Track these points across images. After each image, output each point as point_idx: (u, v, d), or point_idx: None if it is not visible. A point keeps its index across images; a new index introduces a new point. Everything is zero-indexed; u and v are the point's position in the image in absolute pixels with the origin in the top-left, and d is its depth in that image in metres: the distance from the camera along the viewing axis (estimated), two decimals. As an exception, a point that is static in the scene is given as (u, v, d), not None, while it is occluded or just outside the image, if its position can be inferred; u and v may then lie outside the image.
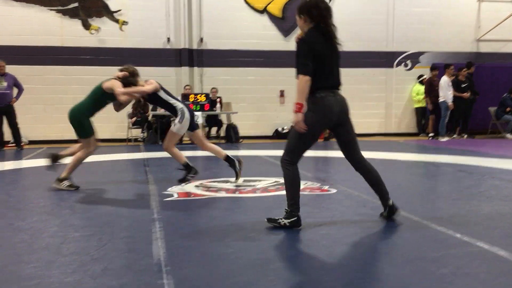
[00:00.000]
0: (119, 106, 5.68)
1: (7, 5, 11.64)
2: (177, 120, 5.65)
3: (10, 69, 10.31)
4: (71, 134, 6.90)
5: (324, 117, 3.53)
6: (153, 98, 5.66)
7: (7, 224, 3.85)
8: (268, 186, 5.41)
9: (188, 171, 5.72)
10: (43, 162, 6.18)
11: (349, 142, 3.72)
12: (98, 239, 3.36)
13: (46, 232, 3.56)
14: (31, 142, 11.49)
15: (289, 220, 3.58)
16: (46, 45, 11.78)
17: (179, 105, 5.68)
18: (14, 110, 10.18)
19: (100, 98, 5.35)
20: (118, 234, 3.50)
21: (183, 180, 5.65)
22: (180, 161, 5.75)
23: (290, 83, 13.21)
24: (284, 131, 12.96)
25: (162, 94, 5.62)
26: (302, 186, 5.24)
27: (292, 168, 3.58)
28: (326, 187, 5.33)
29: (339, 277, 2.64)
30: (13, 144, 10.36)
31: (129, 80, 5.42)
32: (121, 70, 5.50)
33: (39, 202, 4.71)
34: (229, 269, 2.75)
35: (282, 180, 5.66)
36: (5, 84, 10.03)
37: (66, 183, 5.33)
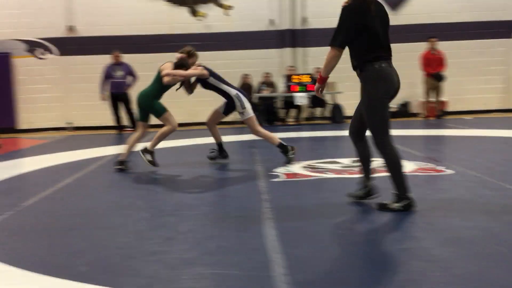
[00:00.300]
0: (186, 90, 5.98)
1: (121, -3, 12.37)
2: (239, 109, 5.75)
3: (124, 58, 10.96)
4: (183, 117, 7.20)
5: (390, 87, 3.38)
6: (204, 83, 5.79)
7: (130, 203, 4.12)
8: (377, 166, 5.24)
9: (285, 151, 5.69)
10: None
11: None
12: (211, 218, 3.48)
13: (164, 211, 3.75)
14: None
15: (400, 204, 3.38)
16: (157, 33, 12.36)
17: (232, 91, 5.75)
18: (129, 97, 10.83)
19: (161, 81, 5.62)
20: (229, 214, 3.60)
21: (287, 162, 5.66)
22: (273, 142, 5.77)
23: (400, 59, 12.65)
24: (392, 110, 12.51)
25: (212, 80, 5.71)
26: (413, 167, 5.05)
27: (390, 149, 3.39)
28: (441, 168, 5.05)
29: (461, 264, 2.49)
30: (130, 129, 11.06)
31: (183, 62, 5.64)
32: (180, 53, 5.78)
33: (156, 182, 4.98)
34: (342, 250, 2.71)
35: (392, 161, 5.49)
36: (121, 73, 10.70)
37: (148, 157, 5.59)
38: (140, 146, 5.75)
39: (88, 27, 12.35)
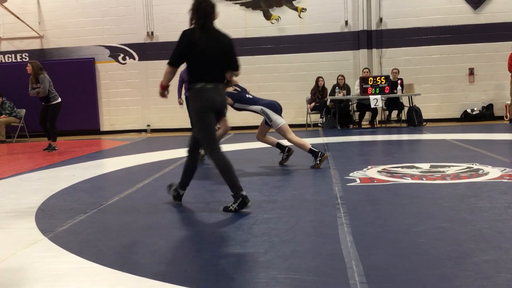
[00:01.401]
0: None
1: (198, 3, 12.67)
2: (268, 122, 5.89)
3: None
4: (255, 120, 7.28)
5: (207, 104, 3.82)
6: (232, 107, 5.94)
7: (206, 205, 4.18)
8: (460, 172, 5.01)
9: (316, 156, 5.77)
10: (233, 147, 6.61)
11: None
12: (285, 221, 3.46)
13: (238, 213, 3.76)
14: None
15: (235, 205, 3.76)
16: (232, 37, 12.53)
17: (257, 108, 5.84)
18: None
19: None
20: (304, 218, 3.56)
21: (313, 166, 5.73)
22: (305, 148, 5.86)
23: (481, 59, 12.09)
24: (474, 113, 11.92)
25: (237, 105, 5.88)
26: (498, 174, 4.77)
27: (218, 155, 3.83)
28: (529, 174, 4.73)
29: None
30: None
31: None
32: None
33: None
34: (422, 260, 2.59)
35: (475, 166, 5.24)
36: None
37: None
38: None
39: (165, 33, 12.78)
